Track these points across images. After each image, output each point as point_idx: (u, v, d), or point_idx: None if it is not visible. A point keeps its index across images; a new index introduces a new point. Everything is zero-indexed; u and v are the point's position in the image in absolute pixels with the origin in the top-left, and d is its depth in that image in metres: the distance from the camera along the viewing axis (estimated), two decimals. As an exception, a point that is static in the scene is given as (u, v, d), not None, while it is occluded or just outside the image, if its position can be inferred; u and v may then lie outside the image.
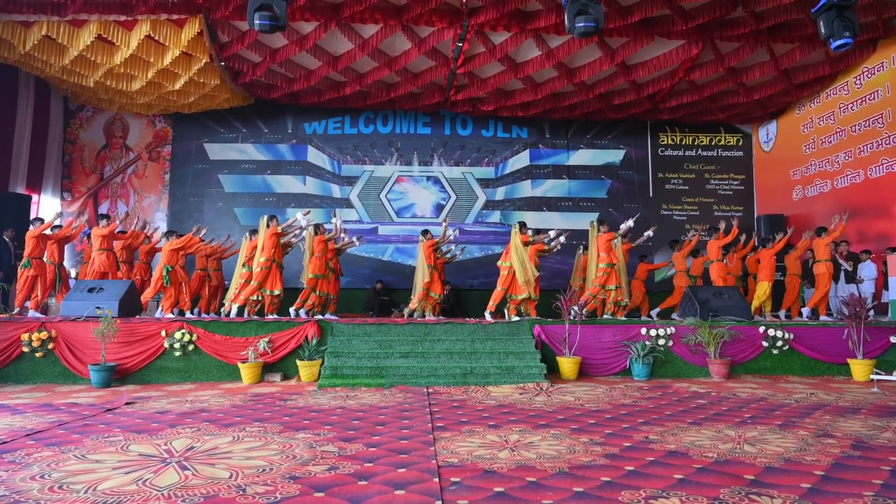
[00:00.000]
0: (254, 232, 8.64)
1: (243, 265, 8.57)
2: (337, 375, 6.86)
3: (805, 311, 9.19)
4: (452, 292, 11.76)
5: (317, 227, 8.86)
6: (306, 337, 7.43)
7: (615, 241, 8.82)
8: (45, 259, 8.56)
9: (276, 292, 8.25)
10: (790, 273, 9.49)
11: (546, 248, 8.96)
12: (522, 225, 8.69)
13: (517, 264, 8.41)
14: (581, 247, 10.35)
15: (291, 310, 8.34)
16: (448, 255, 10.18)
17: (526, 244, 8.50)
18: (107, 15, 8.90)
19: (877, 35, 9.57)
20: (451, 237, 9.51)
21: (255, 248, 8.36)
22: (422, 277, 8.78)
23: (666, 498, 2.82)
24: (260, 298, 8.31)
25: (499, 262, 8.80)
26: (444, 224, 9.46)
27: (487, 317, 8.44)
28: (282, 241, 8.49)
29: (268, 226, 8.27)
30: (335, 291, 9.12)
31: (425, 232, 9.06)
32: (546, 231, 9.34)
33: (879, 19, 9.20)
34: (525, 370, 7.00)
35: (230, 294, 8.53)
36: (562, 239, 9.18)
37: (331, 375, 6.85)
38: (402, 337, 7.70)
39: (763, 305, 9.30)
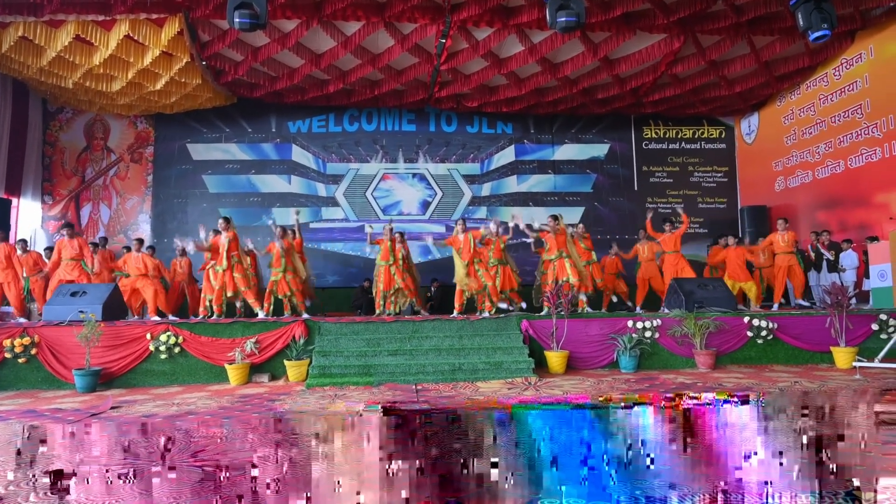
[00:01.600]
0: (216, 231, 8.51)
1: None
2: (325, 375, 6.84)
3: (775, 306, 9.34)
4: (440, 289, 11.76)
5: (284, 230, 8.87)
6: (293, 337, 7.39)
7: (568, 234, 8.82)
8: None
9: (230, 294, 8.28)
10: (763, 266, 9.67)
11: (492, 239, 8.87)
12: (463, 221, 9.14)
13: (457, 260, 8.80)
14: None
15: (261, 313, 8.33)
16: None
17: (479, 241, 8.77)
18: (84, 15, 8.77)
19: (854, 27, 9.69)
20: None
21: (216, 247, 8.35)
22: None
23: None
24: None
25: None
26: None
27: (454, 314, 8.57)
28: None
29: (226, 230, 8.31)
30: (290, 289, 8.74)
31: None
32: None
33: (857, 11, 9.32)
34: (513, 365, 7.03)
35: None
36: (495, 228, 9.02)
37: (319, 375, 6.83)
38: (389, 335, 7.69)
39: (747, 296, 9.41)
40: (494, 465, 3.09)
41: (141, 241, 9.06)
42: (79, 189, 12.52)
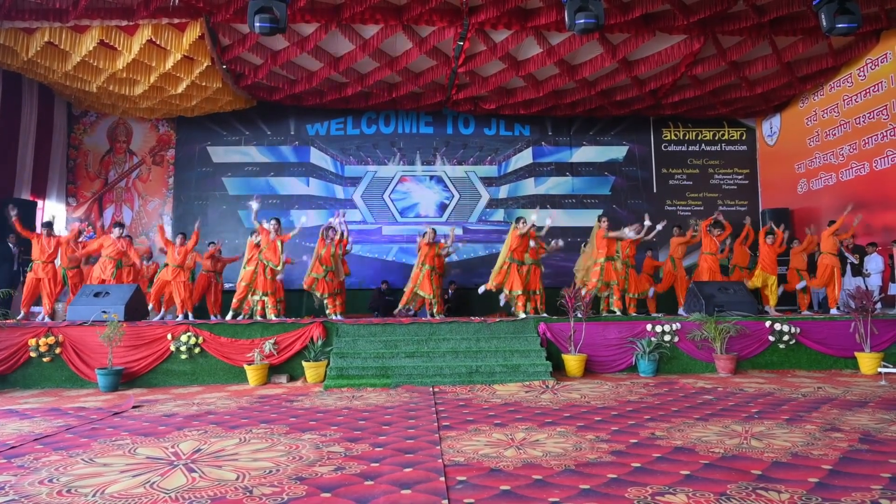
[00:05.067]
0: (255, 233, 8.72)
1: (244, 267, 8.61)
2: (343, 376, 6.87)
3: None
4: (457, 292, 11.76)
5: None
6: (311, 338, 7.44)
7: (609, 235, 8.80)
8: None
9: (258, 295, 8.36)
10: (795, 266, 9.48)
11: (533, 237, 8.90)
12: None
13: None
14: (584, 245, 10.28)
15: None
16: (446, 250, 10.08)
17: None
18: (108, 20, 8.92)
19: (880, 26, 9.51)
20: (453, 247, 9.72)
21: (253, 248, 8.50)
22: (412, 275, 8.98)
23: (673, 494, 2.82)
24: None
25: None
26: (451, 231, 9.92)
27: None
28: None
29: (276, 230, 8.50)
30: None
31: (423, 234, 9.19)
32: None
33: (882, 10, 9.14)
34: (530, 368, 7.00)
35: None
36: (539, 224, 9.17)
37: (336, 376, 6.86)
38: (407, 337, 7.71)
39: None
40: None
41: (184, 235, 9.30)
42: (102, 191, 12.73)
